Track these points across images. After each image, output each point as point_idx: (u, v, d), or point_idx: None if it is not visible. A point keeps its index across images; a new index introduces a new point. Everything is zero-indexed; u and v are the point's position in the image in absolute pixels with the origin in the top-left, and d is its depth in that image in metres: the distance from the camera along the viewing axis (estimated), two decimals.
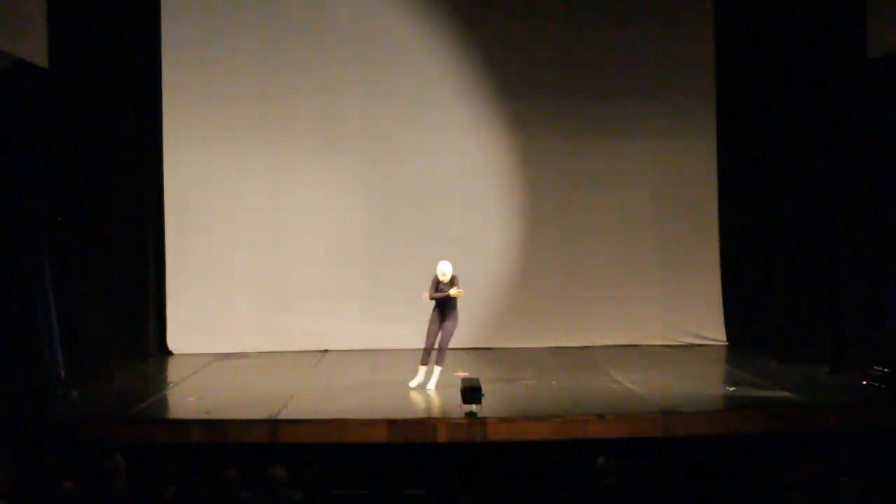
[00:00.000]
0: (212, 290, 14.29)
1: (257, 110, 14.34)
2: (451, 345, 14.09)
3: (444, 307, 11.42)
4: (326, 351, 14.09)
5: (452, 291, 11.29)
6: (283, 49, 14.32)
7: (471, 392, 9.80)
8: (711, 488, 8.24)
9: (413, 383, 11.38)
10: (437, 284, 11.38)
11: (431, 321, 11.49)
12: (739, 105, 14.26)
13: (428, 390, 11.28)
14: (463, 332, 14.26)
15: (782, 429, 9.81)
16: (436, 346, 11.47)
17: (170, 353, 14.22)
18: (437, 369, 11.44)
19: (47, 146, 11.82)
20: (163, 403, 11.18)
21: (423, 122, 14.49)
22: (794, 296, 12.99)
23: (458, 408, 9.87)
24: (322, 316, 14.13)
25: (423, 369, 11.43)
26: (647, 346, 14.32)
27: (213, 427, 9.82)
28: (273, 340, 13.87)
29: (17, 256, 11.22)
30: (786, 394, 10.84)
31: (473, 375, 10.63)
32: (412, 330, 14.32)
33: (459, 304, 11.54)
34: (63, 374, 11.38)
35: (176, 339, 14.31)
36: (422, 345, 14.13)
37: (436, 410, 10.01)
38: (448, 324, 11.45)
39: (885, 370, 11.00)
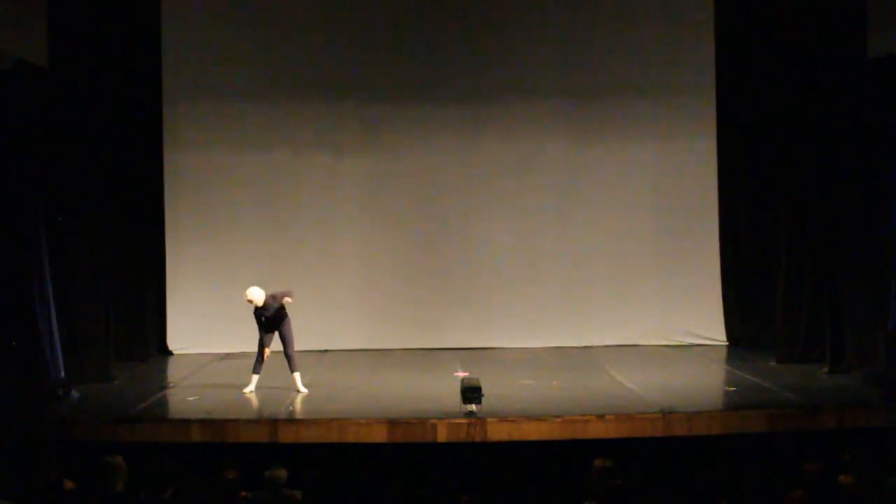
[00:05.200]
0: (212, 291, 14.30)
1: (257, 110, 14.35)
2: (452, 344, 14.23)
3: (274, 319, 11.30)
4: (326, 351, 14.08)
5: (288, 300, 11.17)
6: (283, 49, 14.32)
7: (471, 392, 9.81)
8: (711, 489, 8.23)
9: (246, 390, 11.29)
10: (260, 313, 11.25)
11: (263, 332, 11.34)
12: (739, 105, 14.26)
13: (301, 392, 11.25)
14: (463, 332, 14.37)
15: (782, 429, 9.82)
16: (267, 355, 11.35)
17: (170, 354, 14.24)
18: (296, 375, 11.33)
19: (47, 146, 11.81)
20: (163, 403, 11.18)
21: (423, 122, 14.50)
22: (794, 296, 12.99)
23: (458, 408, 9.88)
24: (322, 316, 14.12)
25: (255, 378, 11.33)
26: (647, 346, 14.32)
27: (213, 427, 9.83)
28: (273, 340, 13.86)
29: (17, 256, 11.22)
30: (786, 394, 10.85)
31: (473, 375, 10.63)
32: (412, 330, 14.41)
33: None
34: (63, 374, 11.39)
35: (176, 340, 14.33)
36: (420, 345, 14.26)
37: (436, 410, 10.00)
38: (284, 331, 11.28)
39: (885, 370, 11.01)
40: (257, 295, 11.23)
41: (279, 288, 11.47)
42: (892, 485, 7.65)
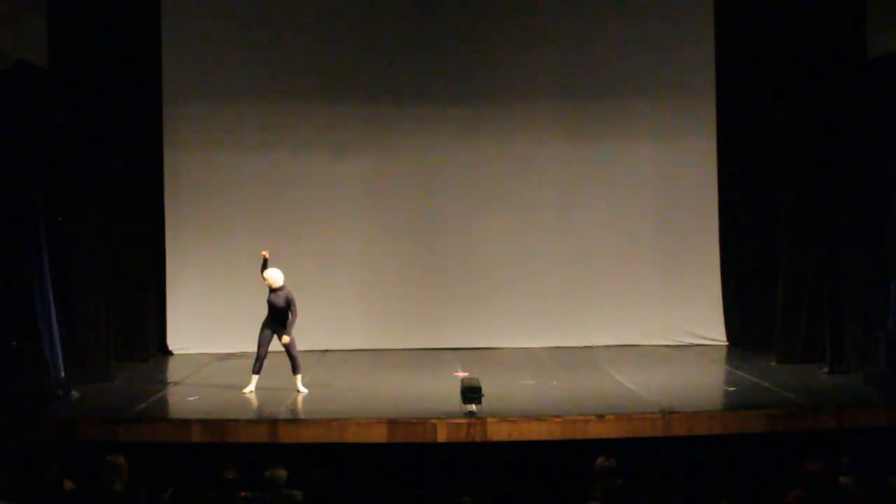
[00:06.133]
0: (212, 291, 14.31)
1: (257, 110, 14.36)
2: (452, 344, 14.22)
3: (277, 315, 11.29)
4: (326, 351, 14.08)
5: (285, 339, 11.21)
6: (283, 49, 14.32)
7: (471, 392, 9.81)
8: (711, 489, 8.23)
9: (246, 390, 11.30)
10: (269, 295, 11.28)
11: (264, 327, 11.34)
12: (739, 105, 14.26)
13: (301, 392, 11.27)
14: (463, 332, 14.37)
15: (782, 429, 9.82)
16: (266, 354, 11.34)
17: (170, 353, 14.24)
18: (297, 377, 11.35)
19: (47, 146, 11.81)
20: (163, 403, 11.18)
21: (423, 122, 14.49)
22: (794, 296, 12.99)
23: (458, 408, 9.88)
24: (322, 316, 14.12)
25: (255, 378, 11.33)
26: (647, 346, 14.32)
27: (213, 427, 9.83)
28: (273, 340, 13.86)
29: (17, 257, 11.22)
30: (786, 394, 10.85)
31: (473, 375, 10.63)
32: (412, 330, 14.40)
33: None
34: (63, 374, 11.39)
35: (176, 340, 14.33)
36: (420, 345, 14.25)
37: (436, 410, 10.00)
38: (283, 332, 11.28)
39: (885, 370, 11.01)
40: (274, 276, 11.27)
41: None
42: (892, 485, 7.65)
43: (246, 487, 8.13)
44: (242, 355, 13.84)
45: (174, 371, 13.25)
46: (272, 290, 11.31)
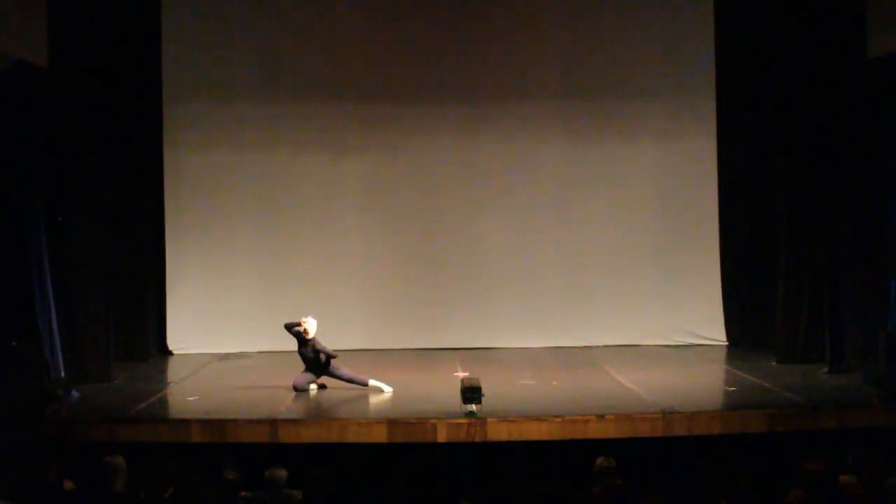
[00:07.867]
0: (212, 290, 14.30)
1: (257, 110, 14.35)
2: (451, 344, 14.22)
3: (314, 362, 11.32)
4: None
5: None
6: (283, 49, 14.34)
7: (471, 392, 9.81)
8: (711, 489, 8.24)
9: (387, 389, 11.32)
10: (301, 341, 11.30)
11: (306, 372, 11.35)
12: (739, 105, 14.26)
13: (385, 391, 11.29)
14: (463, 332, 14.37)
15: (782, 429, 9.82)
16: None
17: (170, 354, 14.24)
18: (371, 382, 11.35)
19: (47, 146, 11.81)
20: (163, 403, 11.18)
21: (423, 122, 14.49)
22: (794, 296, 12.99)
23: (458, 408, 9.88)
24: (322, 316, 14.08)
25: (378, 382, 11.35)
26: (647, 346, 14.31)
27: (213, 427, 9.82)
28: (273, 340, 13.83)
29: (17, 256, 11.21)
30: (786, 394, 10.85)
31: (473, 375, 10.63)
32: (412, 330, 14.40)
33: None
34: (63, 374, 11.38)
35: (176, 340, 14.32)
36: (420, 345, 14.24)
37: (436, 410, 10.00)
38: (331, 372, 11.33)
39: (885, 370, 11.00)
40: (311, 326, 11.38)
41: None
42: (893, 485, 7.65)
43: (246, 487, 8.13)
44: (242, 355, 13.89)
45: (174, 371, 13.24)
46: (301, 343, 11.34)
